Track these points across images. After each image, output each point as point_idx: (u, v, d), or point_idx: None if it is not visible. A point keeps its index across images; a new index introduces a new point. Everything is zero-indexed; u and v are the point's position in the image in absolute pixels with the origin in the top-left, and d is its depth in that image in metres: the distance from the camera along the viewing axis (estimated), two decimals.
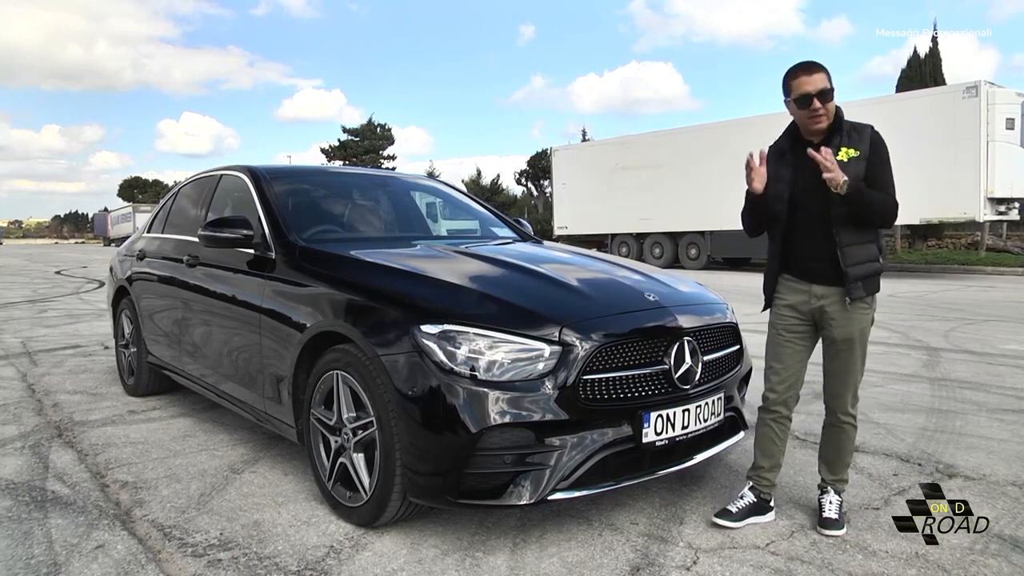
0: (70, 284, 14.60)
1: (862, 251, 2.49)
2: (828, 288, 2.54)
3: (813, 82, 2.44)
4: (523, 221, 4.62)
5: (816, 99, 2.44)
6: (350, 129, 41.90)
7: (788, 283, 2.65)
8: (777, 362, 2.67)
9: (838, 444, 2.65)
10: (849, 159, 2.45)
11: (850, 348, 2.56)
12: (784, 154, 2.62)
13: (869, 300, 2.56)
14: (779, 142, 2.66)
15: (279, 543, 2.50)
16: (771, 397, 2.68)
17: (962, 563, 2.31)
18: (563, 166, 22.33)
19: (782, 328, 2.66)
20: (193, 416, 4.22)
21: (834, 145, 2.48)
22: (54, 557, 2.40)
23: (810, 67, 2.47)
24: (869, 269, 2.51)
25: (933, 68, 20.75)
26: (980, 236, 19.84)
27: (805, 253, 2.58)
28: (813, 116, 2.47)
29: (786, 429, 2.71)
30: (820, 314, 2.58)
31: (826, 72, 2.47)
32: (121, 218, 54.09)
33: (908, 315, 8.57)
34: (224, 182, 4.17)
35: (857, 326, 2.54)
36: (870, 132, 2.51)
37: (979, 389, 4.69)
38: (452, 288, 2.73)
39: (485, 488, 2.34)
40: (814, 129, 2.51)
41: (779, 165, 2.60)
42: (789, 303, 2.64)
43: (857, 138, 2.49)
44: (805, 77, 2.45)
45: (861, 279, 2.49)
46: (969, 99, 13.58)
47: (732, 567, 2.30)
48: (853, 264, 2.48)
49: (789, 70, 2.50)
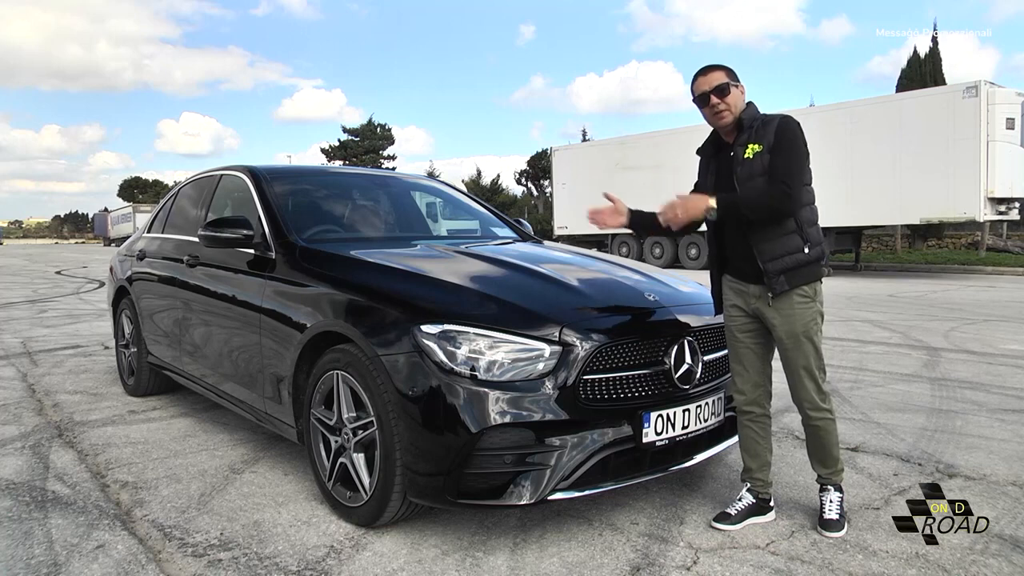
0: (70, 284, 14.60)
1: (779, 245, 2.47)
2: (760, 287, 2.54)
3: (709, 81, 2.53)
4: (523, 221, 4.62)
5: (713, 95, 2.50)
6: (350, 129, 41.93)
7: (730, 284, 2.67)
8: (737, 364, 2.68)
9: (819, 440, 2.61)
10: (754, 155, 2.47)
11: (796, 344, 2.51)
12: (709, 159, 2.68)
13: (808, 292, 2.50)
14: (704, 146, 2.72)
15: (279, 543, 2.50)
16: (741, 399, 2.68)
17: (962, 563, 2.31)
18: (563, 166, 22.33)
19: (735, 329, 2.66)
20: (193, 416, 4.22)
21: (740, 143, 2.51)
22: (54, 557, 2.40)
23: (707, 69, 2.57)
24: (791, 262, 2.47)
25: (933, 68, 20.76)
26: (980, 236, 19.84)
27: (734, 253, 2.61)
28: (716, 113, 2.52)
29: (766, 427, 2.70)
30: (760, 314, 2.57)
31: (726, 71, 2.55)
32: (121, 218, 54.09)
33: (908, 315, 8.57)
34: (224, 182, 4.17)
35: (799, 321, 2.49)
36: (777, 122, 2.49)
37: (979, 389, 4.69)
38: (452, 288, 2.73)
39: (485, 488, 2.34)
40: (720, 125, 2.56)
41: (705, 172, 2.68)
42: (734, 303, 2.65)
43: (763, 132, 2.49)
44: (702, 78, 2.55)
45: (783, 273, 2.47)
46: (969, 99, 13.58)
47: (732, 567, 2.30)
48: (770, 259, 2.47)
49: (692, 77, 2.59)
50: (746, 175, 2.47)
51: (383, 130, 41.84)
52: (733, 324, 2.67)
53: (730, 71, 2.55)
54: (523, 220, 4.64)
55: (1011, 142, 13.83)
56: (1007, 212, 14.49)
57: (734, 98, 2.51)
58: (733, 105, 2.51)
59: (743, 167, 2.48)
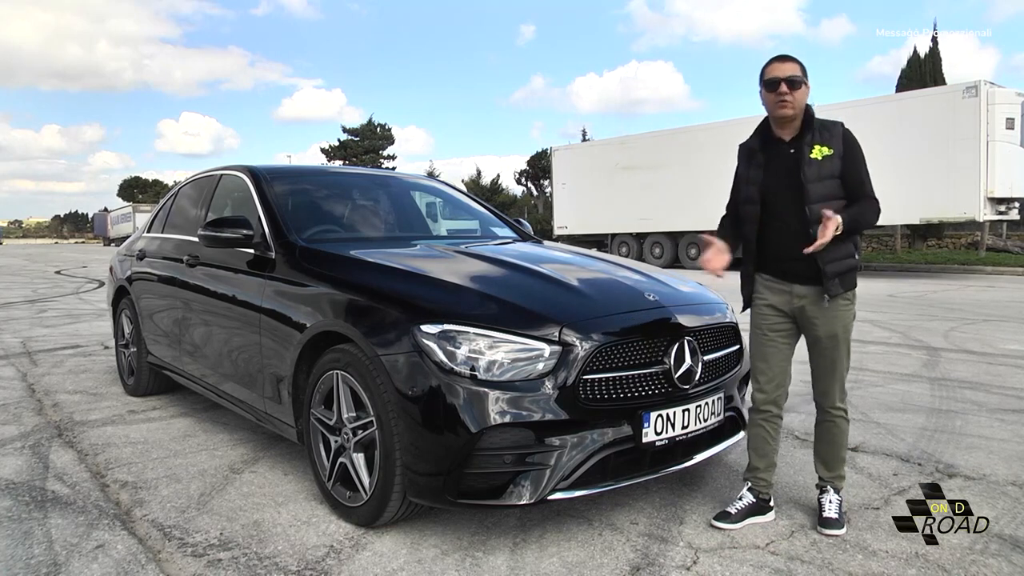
0: (70, 284, 14.60)
1: (839, 248, 2.49)
2: (808, 287, 2.55)
3: (783, 69, 2.50)
4: (523, 221, 4.62)
5: (784, 83, 2.48)
6: (350, 129, 41.93)
7: (767, 283, 2.65)
8: (763, 362, 2.67)
9: (832, 439, 2.65)
10: (823, 157, 2.47)
11: (835, 345, 2.57)
12: (754, 154, 2.64)
13: (850, 296, 2.57)
14: (749, 141, 2.68)
15: (279, 543, 2.50)
16: (760, 397, 2.68)
17: (962, 563, 2.31)
18: (563, 166, 22.33)
19: (766, 328, 2.66)
20: (193, 416, 4.22)
21: (807, 142, 2.50)
22: (54, 557, 2.40)
23: (784, 57, 2.54)
24: (845, 266, 2.52)
25: (933, 68, 20.75)
26: (980, 236, 19.84)
27: (781, 253, 2.58)
28: (780, 101, 2.50)
29: (778, 428, 2.71)
30: (801, 313, 2.59)
31: (800, 65, 2.52)
32: (121, 218, 54.09)
33: (908, 315, 8.57)
34: (224, 182, 4.17)
35: (840, 322, 2.55)
36: (841, 129, 2.52)
37: (979, 389, 4.69)
38: (452, 288, 2.73)
39: (485, 488, 2.34)
40: (779, 115, 2.53)
41: (749, 166, 2.65)
42: (770, 303, 2.64)
43: (828, 136, 2.50)
44: (778, 64, 2.53)
45: (838, 276, 2.51)
46: (969, 99, 13.58)
47: (732, 567, 2.30)
48: (830, 261, 2.49)
49: (766, 61, 2.57)
50: (815, 175, 2.47)
51: (383, 130, 41.84)
52: (764, 322, 2.66)
53: (804, 67, 2.52)
54: (523, 220, 4.64)
55: (1011, 142, 13.83)
56: (1007, 212, 14.50)
57: (801, 95, 2.50)
58: (798, 101, 2.49)
59: (811, 167, 2.47)
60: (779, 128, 2.58)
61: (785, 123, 2.55)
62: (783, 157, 2.55)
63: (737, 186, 2.70)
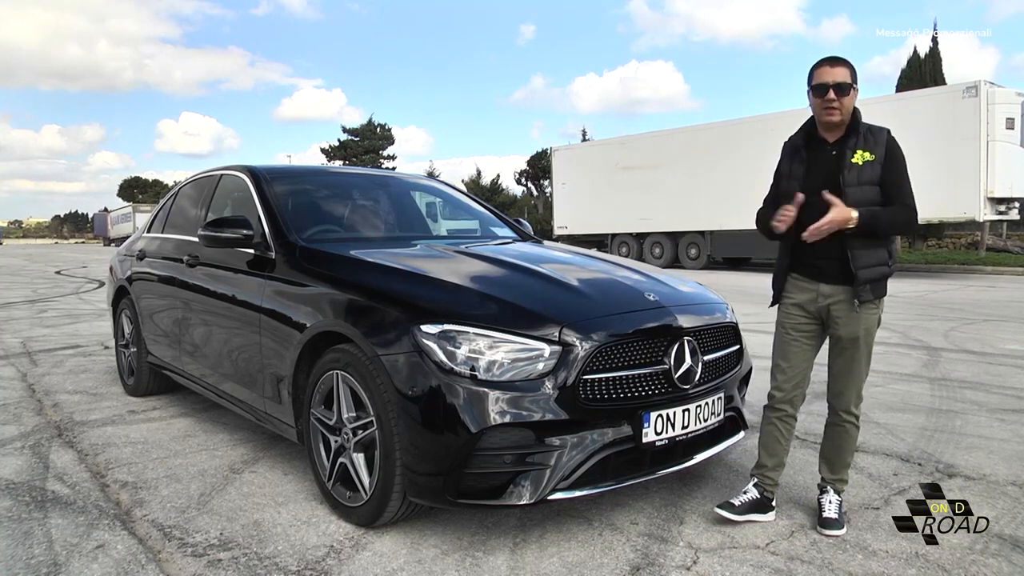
0: (70, 284, 14.60)
1: (873, 254, 2.49)
2: (836, 287, 2.54)
3: (834, 74, 2.47)
4: (523, 221, 4.62)
5: (832, 90, 2.45)
6: (350, 129, 41.97)
7: (796, 282, 2.65)
8: (784, 360, 2.67)
9: (839, 443, 2.66)
10: (864, 162, 2.46)
11: (855, 346, 2.56)
12: (798, 151, 2.63)
13: (877, 302, 2.56)
14: (794, 138, 2.67)
15: (279, 543, 2.50)
16: (777, 395, 2.68)
17: (962, 563, 2.31)
18: (563, 166, 22.33)
19: (790, 327, 2.66)
20: (193, 416, 4.22)
21: (850, 146, 2.49)
22: (54, 557, 2.40)
23: (835, 60, 2.51)
24: (878, 272, 2.51)
25: (933, 68, 20.77)
26: (980, 236, 19.84)
27: (815, 251, 2.56)
28: (827, 107, 2.48)
29: (791, 428, 2.71)
30: (827, 313, 2.58)
31: (851, 69, 2.49)
32: (121, 218, 54.10)
33: (908, 315, 8.57)
34: (224, 182, 4.17)
35: (863, 325, 2.55)
36: (886, 137, 2.51)
37: (979, 389, 4.69)
38: (452, 288, 2.73)
39: (485, 488, 2.34)
40: (826, 120, 2.52)
41: (793, 162, 2.63)
42: (797, 301, 2.64)
43: (873, 142, 2.49)
44: (828, 68, 2.49)
45: (870, 282, 2.49)
46: (969, 99, 13.59)
47: (732, 567, 2.30)
48: (864, 267, 2.48)
49: (816, 62, 2.53)
50: (854, 180, 2.46)
51: (383, 130, 41.87)
52: (789, 321, 2.66)
53: (854, 71, 2.49)
54: (523, 220, 4.64)
55: (1011, 142, 13.84)
56: (1007, 212, 14.50)
57: (849, 100, 2.48)
58: (845, 107, 2.48)
59: (851, 171, 2.46)
60: (824, 130, 2.56)
61: (832, 127, 2.53)
62: (825, 158, 2.53)
63: (778, 181, 2.67)
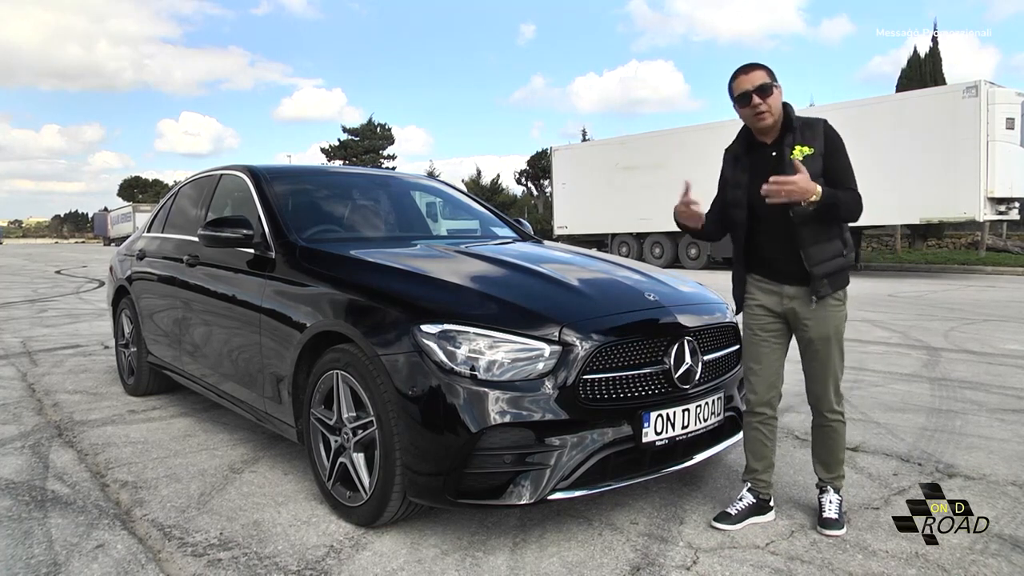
0: (70, 284, 14.60)
1: (826, 249, 2.48)
2: (799, 288, 2.53)
3: (751, 79, 2.47)
4: (523, 221, 4.62)
5: (755, 95, 2.45)
6: (350, 129, 41.91)
7: (758, 283, 2.64)
8: (756, 363, 2.66)
9: (830, 443, 2.64)
10: (804, 156, 2.44)
11: (827, 346, 2.54)
12: (739, 159, 2.63)
13: (841, 296, 2.55)
14: (733, 146, 2.67)
15: (279, 543, 2.50)
16: (753, 399, 2.67)
17: (962, 563, 2.31)
18: (563, 166, 22.32)
19: (757, 328, 2.64)
20: (193, 416, 4.22)
21: (787, 143, 2.48)
22: (54, 557, 2.40)
23: (748, 67, 2.51)
24: (834, 266, 2.50)
25: (933, 68, 20.75)
26: (980, 236, 19.84)
27: (770, 254, 2.57)
28: (756, 113, 2.48)
29: (774, 429, 2.70)
30: (793, 315, 2.57)
31: (766, 70, 2.49)
32: (121, 218, 54.09)
33: (908, 315, 8.57)
34: (224, 182, 4.17)
35: (832, 323, 2.53)
36: (823, 126, 2.50)
37: (979, 389, 4.69)
38: (452, 288, 2.73)
39: (485, 488, 2.34)
40: (760, 127, 2.52)
41: (735, 170, 2.62)
42: (761, 303, 2.63)
43: (811, 135, 2.48)
44: (744, 76, 2.49)
45: (827, 276, 2.48)
46: (969, 99, 13.58)
47: (732, 567, 2.30)
48: (818, 263, 2.47)
49: (731, 75, 2.53)
50: None
51: (383, 130, 41.83)
52: (755, 323, 2.65)
53: (770, 71, 2.50)
54: (523, 220, 4.64)
55: (1011, 142, 13.82)
56: (1007, 212, 14.49)
57: (775, 99, 2.48)
58: (774, 106, 2.48)
59: (791, 167, 2.44)
60: (760, 134, 2.57)
61: (766, 130, 2.53)
62: (766, 160, 2.52)
63: (723, 189, 2.68)
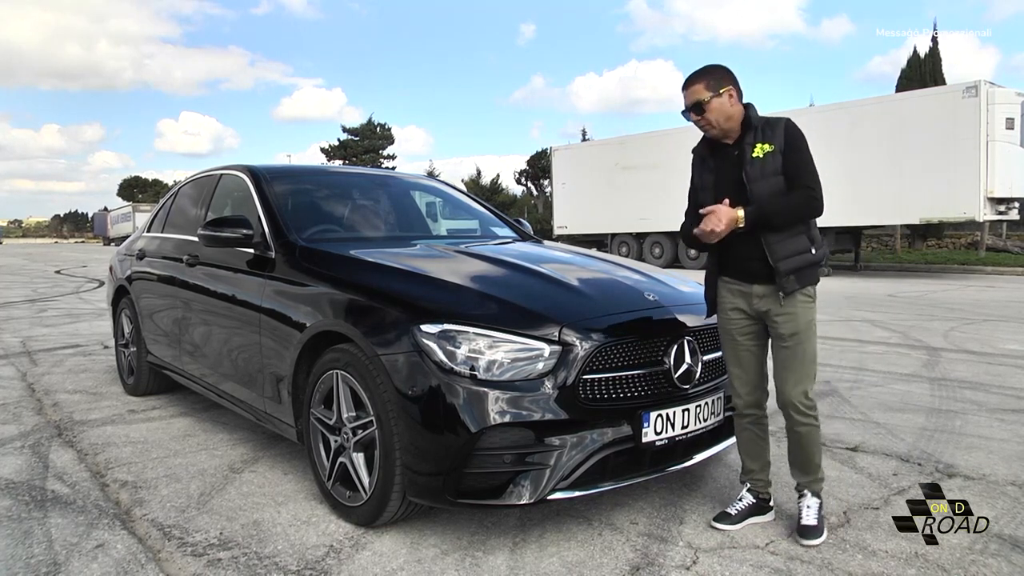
0: (70, 283, 14.60)
1: (790, 244, 2.46)
2: (767, 287, 2.51)
3: (688, 97, 2.52)
4: (523, 221, 4.62)
5: (692, 112, 2.50)
6: (350, 129, 41.90)
7: (729, 286, 2.62)
8: (738, 367, 2.65)
9: (804, 447, 2.55)
10: (765, 154, 2.45)
11: (798, 342, 2.50)
12: (705, 160, 2.64)
13: (810, 292, 2.52)
14: (698, 148, 2.67)
15: (279, 542, 2.50)
16: (740, 403, 2.66)
17: (962, 563, 2.31)
18: (563, 166, 22.32)
19: (735, 332, 2.63)
20: (193, 416, 4.22)
21: (748, 142, 2.48)
22: (54, 556, 2.40)
23: (687, 81, 2.53)
24: (800, 261, 2.47)
25: (933, 68, 20.75)
26: (980, 236, 19.84)
27: (740, 254, 2.55)
28: (699, 127, 2.54)
29: (766, 428, 2.69)
30: (765, 315, 2.55)
31: (706, 80, 2.48)
32: (121, 218, 54.11)
33: (908, 315, 8.57)
34: (224, 182, 4.17)
35: (802, 321, 2.50)
36: (784, 124, 2.49)
37: (979, 389, 4.69)
38: (452, 288, 2.73)
39: (485, 488, 2.34)
40: (710, 136, 2.56)
41: (702, 171, 2.63)
42: (735, 306, 2.61)
43: (771, 133, 2.48)
44: (684, 92, 2.53)
45: (792, 273, 2.46)
46: (969, 99, 13.57)
47: (732, 567, 2.30)
48: (782, 258, 2.45)
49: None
50: (758, 174, 2.45)
51: (383, 130, 41.81)
52: (732, 327, 2.63)
53: (712, 79, 2.48)
54: (523, 220, 4.64)
55: (1011, 142, 13.82)
56: (1007, 212, 14.49)
57: (716, 111, 2.47)
58: (715, 119, 2.48)
59: (753, 166, 2.46)
60: (721, 136, 2.57)
61: (725, 134, 2.54)
62: (729, 160, 2.53)
63: (694, 193, 2.67)
